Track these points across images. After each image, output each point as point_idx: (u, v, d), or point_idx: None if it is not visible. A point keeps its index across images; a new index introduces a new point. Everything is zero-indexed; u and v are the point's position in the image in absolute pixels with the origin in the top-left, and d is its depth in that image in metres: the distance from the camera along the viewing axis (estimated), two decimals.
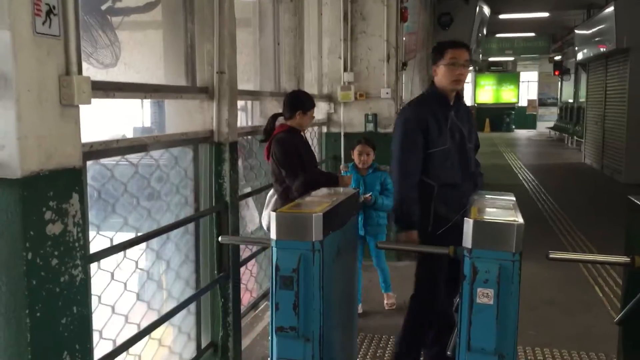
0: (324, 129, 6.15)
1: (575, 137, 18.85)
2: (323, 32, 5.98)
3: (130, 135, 3.77)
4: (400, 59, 6.20)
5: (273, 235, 2.47)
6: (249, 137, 4.35)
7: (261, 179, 4.32)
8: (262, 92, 4.53)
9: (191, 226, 3.20)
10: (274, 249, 2.47)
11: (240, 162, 4.04)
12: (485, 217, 2.36)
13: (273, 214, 2.47)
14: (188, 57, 3.17)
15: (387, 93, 5.98)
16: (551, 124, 25.29)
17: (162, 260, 2.89)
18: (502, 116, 27.79)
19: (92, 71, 3.26)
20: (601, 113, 13.74)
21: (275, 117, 3.89)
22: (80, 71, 2.07)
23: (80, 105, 2.00)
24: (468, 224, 2.30)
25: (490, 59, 26.34)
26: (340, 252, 2.74)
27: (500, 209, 2.53)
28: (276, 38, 4.59)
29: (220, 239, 2.92)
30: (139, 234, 2.61)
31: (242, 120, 5.26)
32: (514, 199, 2.78)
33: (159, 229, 2.73)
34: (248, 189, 4.11)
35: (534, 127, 29.00)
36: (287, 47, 4.65)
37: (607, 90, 13.37)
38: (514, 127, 28.01)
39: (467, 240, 2.30)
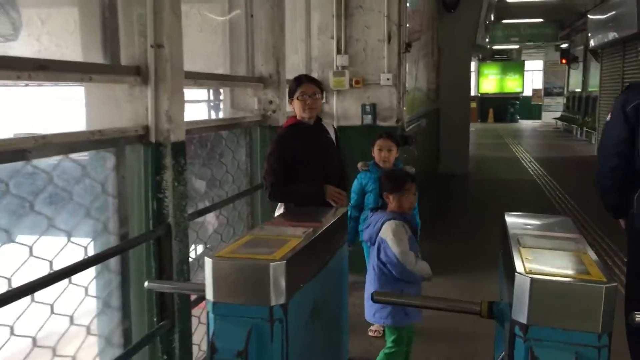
0: None
1: (585, 129, 17.86)
2: (312, 8, 5.04)
3: None
4: (404, 39, 5.25)
5: (209, 294, 1.58)
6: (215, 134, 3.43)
7: (228, 186, 3.41)
8: (228, 75, 3.60)
9: (115, 262, 2.31)
10: (211, 316, 1.58)
11: (197, 168, 3.15)
12: (545, 270, 1.46)
13: (208, 260, 1.58)
14: (106, 23, 2.25)
15: (387, 79, 5.04)
16: (557, 114, 24.35)
17: (59, 315, 1.99)
18: (506, 106, 26.76)
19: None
20: None
21: None
22: None
23: None
24: (522, 282, 1.40)
25: (494, 47, 25.30)
26: (318, 308, 1.85)
27: (563, 252, 1.63)
28: (249, 9, 3.67)
29: (146, 284, 2.04)
30: (12, 287, 1.72)
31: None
32: (575, 229, 1.89)
33: (46, 275, 1.83)
34: (206, 203, 3.18)
35: (539, 117, 27.98)
36: (264, 20, 3.71)
37: (624, 78, 12.50)
38: (518, 117, 27.01)
39: (520, 311, 1.40)
